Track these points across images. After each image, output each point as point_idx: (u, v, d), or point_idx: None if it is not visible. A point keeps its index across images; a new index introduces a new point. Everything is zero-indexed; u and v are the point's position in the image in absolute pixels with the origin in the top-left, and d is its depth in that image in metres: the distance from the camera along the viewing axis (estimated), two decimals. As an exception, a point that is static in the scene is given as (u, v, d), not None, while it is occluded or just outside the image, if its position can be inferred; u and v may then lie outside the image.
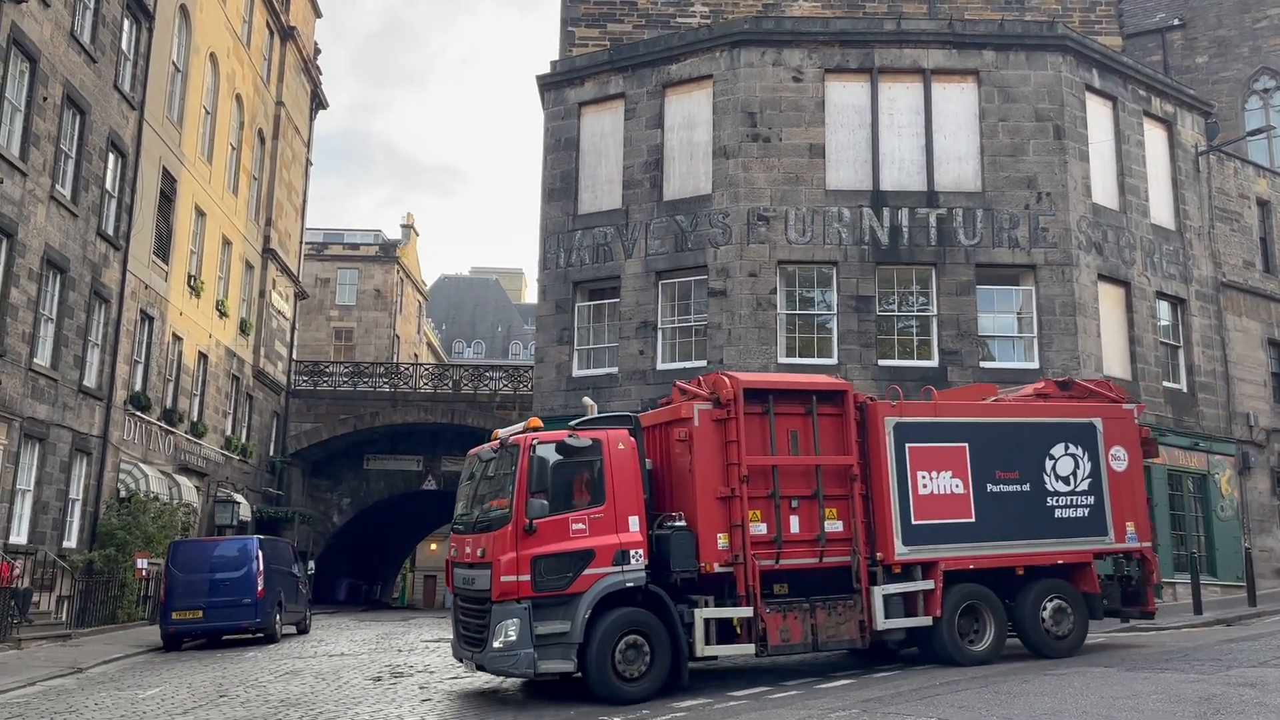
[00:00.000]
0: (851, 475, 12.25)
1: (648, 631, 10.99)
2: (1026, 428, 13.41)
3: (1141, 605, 14.00)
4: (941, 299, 21.48)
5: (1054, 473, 13.29)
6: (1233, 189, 25.81)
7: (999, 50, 22.30)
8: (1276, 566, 24.68)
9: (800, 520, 11.93)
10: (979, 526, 12.76)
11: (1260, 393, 25.27)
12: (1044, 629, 12.97)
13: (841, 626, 11.85)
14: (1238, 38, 31.83)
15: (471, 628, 11.40)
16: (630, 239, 22.64)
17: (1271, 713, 8.75)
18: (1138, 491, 13.88)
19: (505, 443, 11.55)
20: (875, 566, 12.22)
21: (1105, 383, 15.38)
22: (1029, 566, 13.05)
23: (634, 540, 11.13)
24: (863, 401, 12.75)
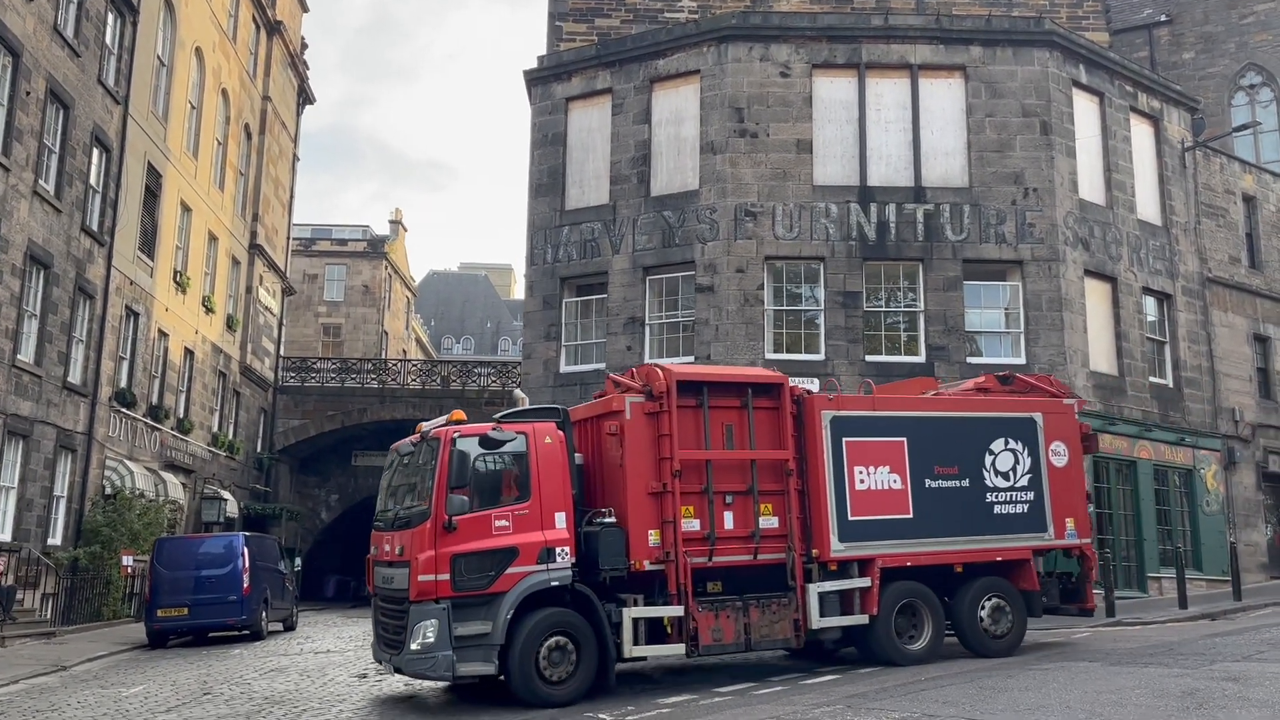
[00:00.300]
0: (787, 470, 11.97)
1: (574, 632, 10.66)
2: (966, 422, 13.24)
3: (1081, 602, 13.88)
4: (929, 295, 21.50)
5: (994, 468, 13.12)
6: (1219, 185, 25.90)
7: (986, 46, 22.31)
8: (1261, 561, 24.81)
9: (735, 516, 11.65)
10: (917, 523, 12.55)
11: (1246, 388, 25.38)
12: (982, 628, 12.77)
13: (776, 625, 11.57)
14: (1224, 33, 31.93)
15: (390, 629, 11.00)
16: (618, 235, 22.60)
17: (1254, 707, 8.78)
18: (1078, 487, 13.73)
19: (426, 436, 11.17)
20: (811, 564, 11.98)
21: (1046, 377, 15.28)
22: (968, 564, 12.86)
23: (560, 537, 10.78)
24: (799, 395, 12.49)
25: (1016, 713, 8.87)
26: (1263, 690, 9.51)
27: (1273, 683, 9.91)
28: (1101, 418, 21.53)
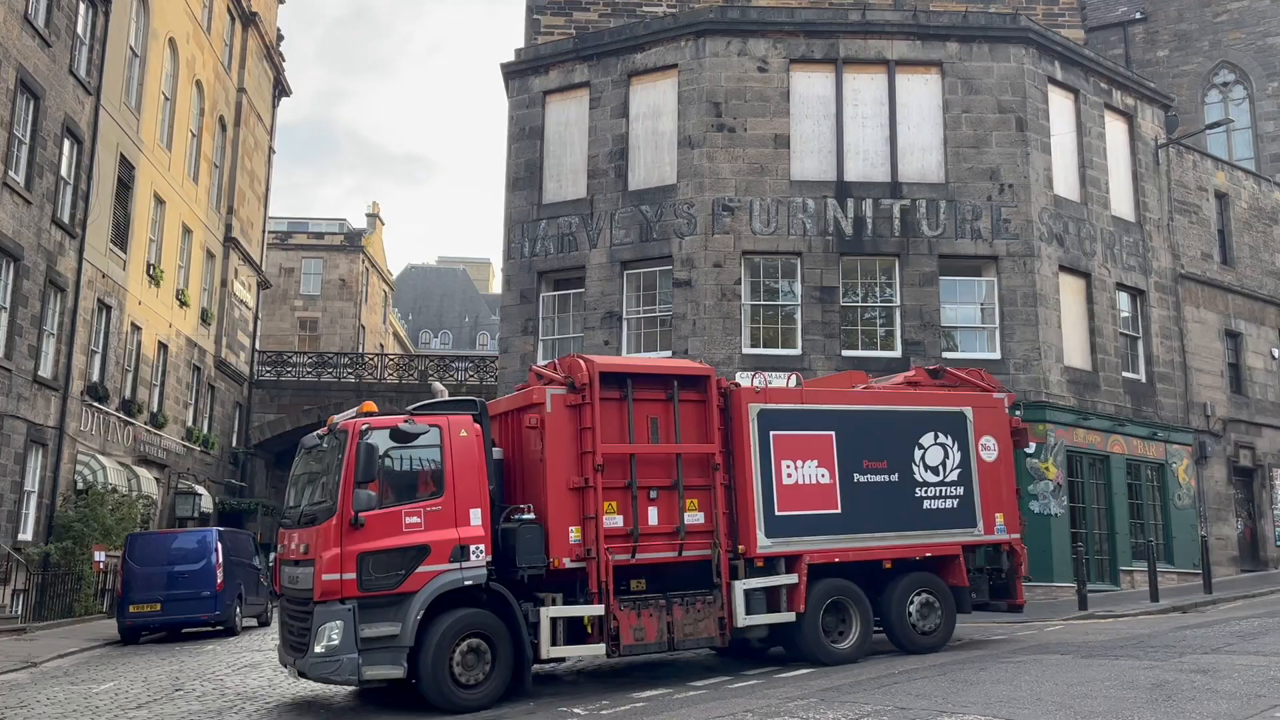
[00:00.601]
0: (714, 464, 11.74)
1: (489, 633, 10.33)
2: (896, 416, 13.09)
3: (1010, 598, 13.72)
4: (905, 290, 21.58)
5: (923, 463, 13.00)
6: (1191, 182, 26.14)
7: (963, 42, 22.40)
8: (1232, 554, 25.09)
9: (659, 512, 11.39)
10: (845, 518, 12.38)
11: (1217, 383, 25.65)
12: (910, 624, 12.65)
13: (700, 624, 11.32)
14: (1198, 31, 32.21)
15: (295, 631, 10.58)
16: (595, 229, 22.56)
17: (1222, 698, 8.87)
18: (1007, 482, 13.66)
19: (334, 429, 10.75)
20: (737, 560, 11.71)
21: (977, 371, 15.15)
22: (897, 560, 12.71)
23: (475, 535, 10.41)
24: (727, 387, 12.26)
25: (988, 705, 8.93)
26: (1230, 682, 9.62)
27: (1241, 674, 10.02)
28: (1075, 412, 21.72)
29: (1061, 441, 21.21)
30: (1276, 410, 27.12)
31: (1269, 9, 31.33)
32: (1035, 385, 21.11)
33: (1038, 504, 20.64)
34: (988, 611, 14.07)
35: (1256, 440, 26.28)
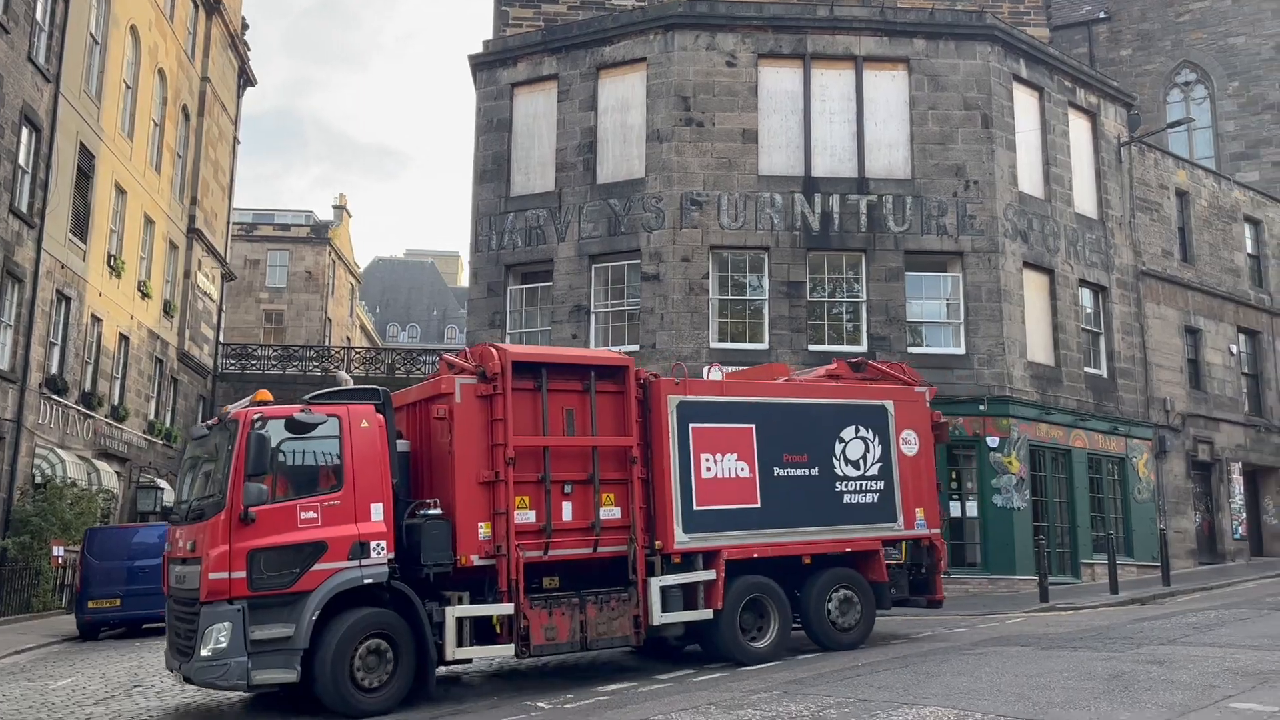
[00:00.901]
0: (631, 458, 11.42)
1: (392, 634, 9.90)
2: (817, 409, 12.89)
3: (930, 594, 13.68)
4: (871, 285, 21.71)
5: (844, 456, 12.86)
6: (1153, 180, 26.49)
7: (929, 39, 22.53)
8: (1190, 547, 25.49)
9: (574, 507, 11.04)
10: (765, 513, 12.14)
11: (1177, 378, 26.02)
12: (830, 621, 12.51)
13: (614, 622, 11.00)
14: (1161, 31, 32.62)
15: (182, 633, 9.99)
16: (563, 222, 22.49)
17: (1177, 689, 9.01)
18: (928, 476, 13.58)
19: (224, 418, 10.26)
20: (654, 556, 11.40)
21: (899, 365, 15.12)
22: (816, 555, 12.53)
23: (376, 531, 9.96)
24: (646, 379, 11.95)
25: (948, 696, 9.01)
26: (1186, 673, 9.77)
27: (1196, 665, 10.18)
28: (1038, 407, 21.96)
29: (1025, 436, 21.43)
30: (1234, 405, 27.58)
31: (1230, 9, 31.79)
32: (999, 380, 21.32)
33: (1001, 498, 20.88)
34: (907, 608, 13.98)
35: (1214, 435, 26.71)
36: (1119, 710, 8.24)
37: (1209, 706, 8.27)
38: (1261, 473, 28.11)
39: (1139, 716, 8.00)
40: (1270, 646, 11.22)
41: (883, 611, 13.28)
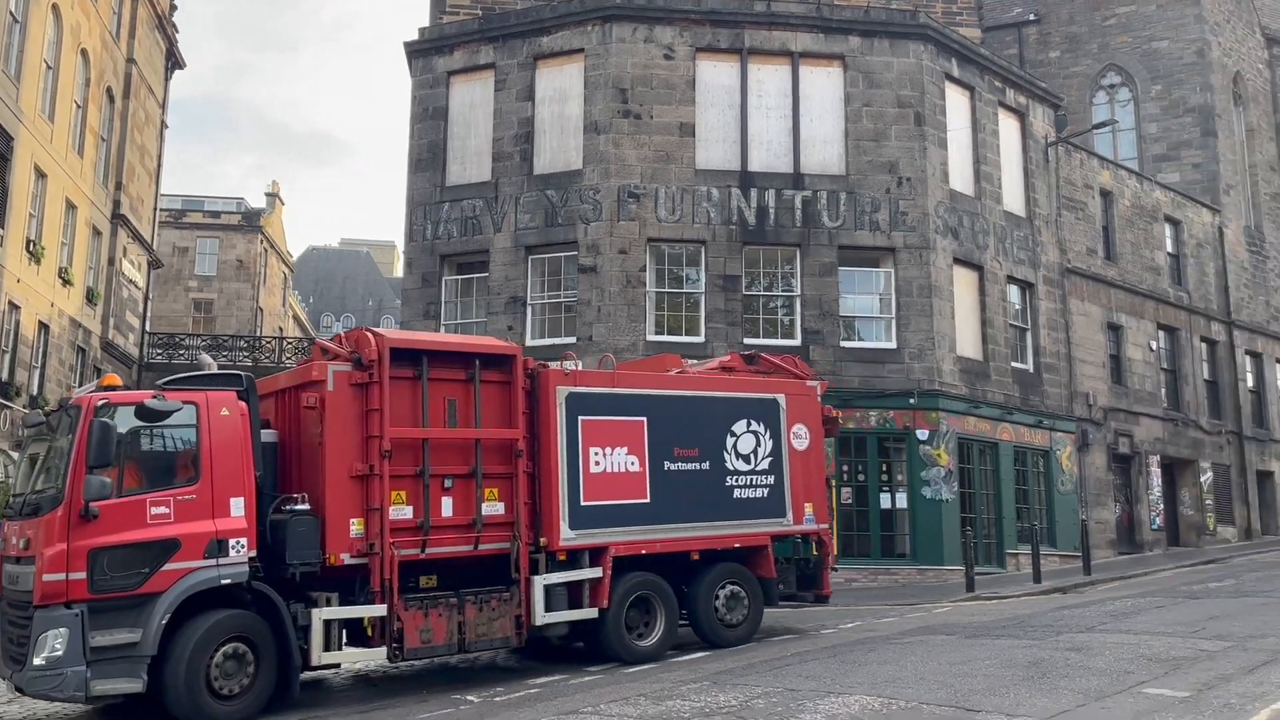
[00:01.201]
0: (517, 451, 11.00)
1: (253, 638, 9.30)
2: (709, 402, 12.68)
3: (817, 589, 13.65)
4: (805, 279, 21.92)
5: (735, 450, 12.68)
6: (1079, 179, 27.14)
7: (864, 36, 22.79)
8: (1110, 538, 26.24)
9: (454, 502, 10.57)
10: (654, 508, 11.89)
11: (1099, 374, 26.73)
12: (717, 617, 12.34)
13: (495, 623, 10.56)
14: (1088, 34, 33.40)
15: (15, 639, 9.20)
16: (500, 213, 22.33)
17: (1093, 675, 9.29)
18: (818, 471, 13.52)
19: (65, 404, 9.60)
20: (538, 553, 11.05)
21: (791, 358, 14.98)
22: (705, 550, 12.34)
23: (235, 527, 9.30)
24: (533, 368, 11.55)
25: (874, 685, 9.18)
26: (1102, 659, 10.07)
27: (1112, 652, 10.50)
28: (967, 401, 22.39)
29: (953, 429, 21.85)
30: (1153, 400, 28.42)
31: (1154, 14, 32.68)
32: (929, 374, 21.70)
33: (930, 490, 21.26)
34: (794, 603, 13.96)
35: (1134, 428, 27.51)
36: (1037, 697, 8.46)
37: (1123, 692, 8.54)
38: (1178, 465, 29.03)
39: (1056, 703, 8.22)
40: (1183, 634, 11.62)
41: (770, 607, 13.15)
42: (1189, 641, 11.00)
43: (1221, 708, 7.89)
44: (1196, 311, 30.20)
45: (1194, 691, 8.48)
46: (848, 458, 21.46)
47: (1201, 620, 12.66)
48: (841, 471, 21.29)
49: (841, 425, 20.96)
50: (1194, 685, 8.72)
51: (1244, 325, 31.82)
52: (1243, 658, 9.94)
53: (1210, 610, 13.69)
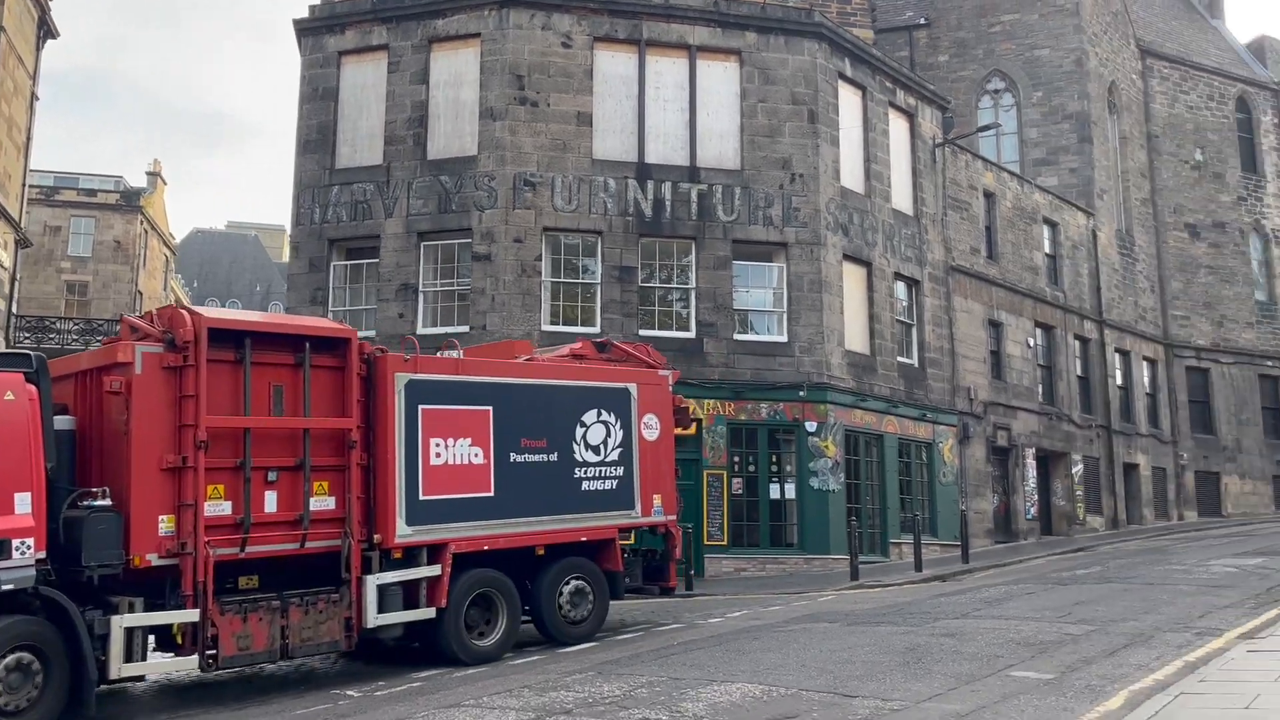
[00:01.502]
0: (350, 442, 10.34)
1: (42, 647, 8.40)
2: (559, 391, 12.29)
3: (663, 581, 13.52)
4: (700, 272, 22.08)
5: (585, 441, 12.36)
6: (964, 180, 28.02)
7: (760, 33, 23.04)
8: (988, 527, 27.22)
9: (279, 497, 9.84)
10: (499, 501, 11.42)
11: (980, 369, 27.68)
12: (561, 614, 11.99)
13: (322, 626, 9.89)
14: (975, 40, 34.49)
15: None
16: (391, 197, 21.86)
17: (965, 660, 9.59)
18: (667, 462, 13.32)
19: None
20: (372, 551, 10.44)
21: (643, 347, 14.70)
22: (551, 545, 11.94)
23: (20, 525, 8.34)
24: (370, 353, 10.87)
25: (756, 672, 9.30)
26: (974, 644, 10.42)
27: (984, 637, 10.87)
28: (854, 394, 22.91)
29: (841, 422, 22.33)
30: (1030, 395, 29.57)
31: (1037, 23, 33.92)
32: (818, 368, 22.12)
33: (817, 480, 21.70)
34: (640, 596, 13.83)
35: (1012, 422, 28.58)
36: (912, 682, 8.69)
37: (991, 675, 8.84)
38: (1052, 457, 30.28)
39: (929, 687, 8.46)
40: (1050, 619, 12.10)
41: (615, 601, 12.90)
42: (1055, 626, 11.46)
43: (1083, 689, 8.24)
44: (1071, 310, 31.52)
45: (1058, 674, 8.84)
46: (739, 449, 21.74)
47: (1068, 606, 13.22)
48: (733, 462, 21.58)
49: (732, 417, 21.58)
50: (1058, 668, 9.09)
51: (1114, 324, 33.36)
52: (1104, 641, 10.41)
53: (1077, 596, 14.30)
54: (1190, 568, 17.50)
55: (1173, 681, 8.07)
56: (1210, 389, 36.67)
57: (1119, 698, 7.83)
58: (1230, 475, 36.41)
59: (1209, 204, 37.73)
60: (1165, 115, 37.50)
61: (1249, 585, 14.59)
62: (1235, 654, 8.89)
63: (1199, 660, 9.02)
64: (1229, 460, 36.52)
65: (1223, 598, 13.38)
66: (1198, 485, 35.75)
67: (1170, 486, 34.95)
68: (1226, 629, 10.74)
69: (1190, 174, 37.63)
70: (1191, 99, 38.31)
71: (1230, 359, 37.08)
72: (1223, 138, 38.67)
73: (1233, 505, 36.09)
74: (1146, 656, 9.49)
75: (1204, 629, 10.89)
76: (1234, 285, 37.76)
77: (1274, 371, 37.95)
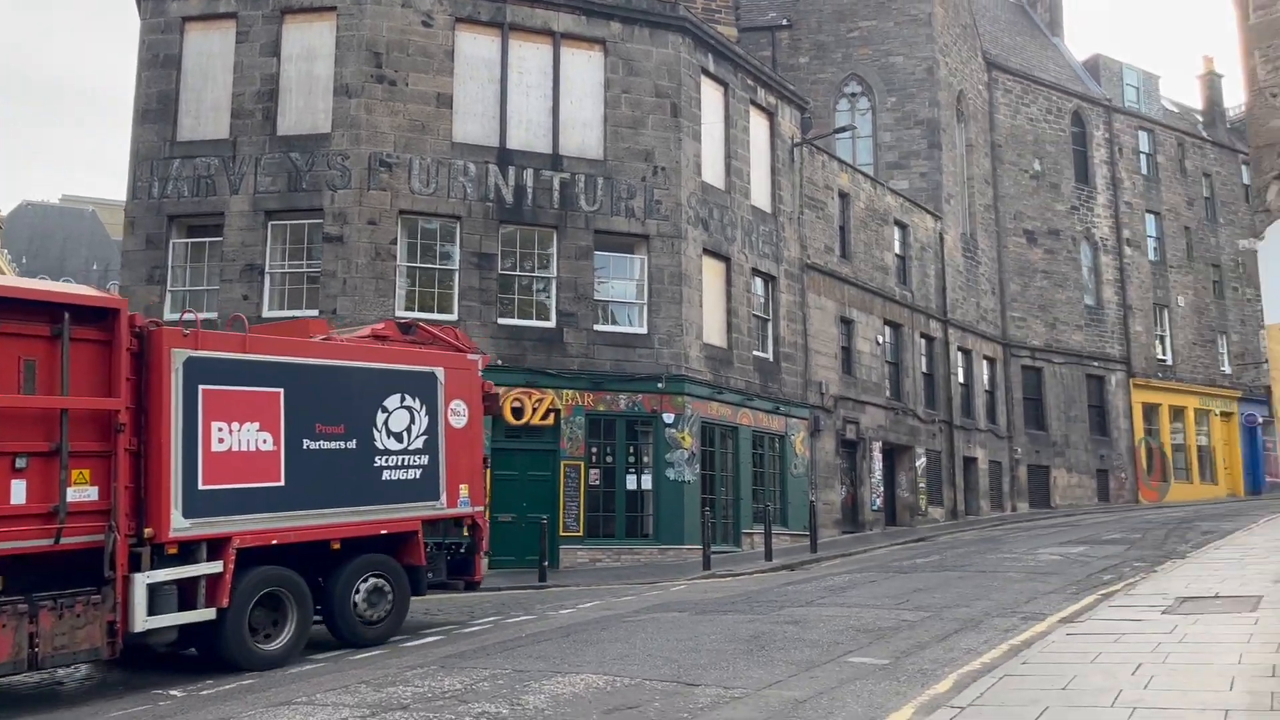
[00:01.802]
0: (118, 425, 9.33)
1: None
2: (359, 374, 11.53)
3: (469, 575, 12.88)
4: (561, 262, 21.92)
5: (386, 428, 11.65)
6: (820, 180, 28.73)
7: (625, 23, 23.00)
8: (836, 517, 28.06)
9: (30, 486, 8.83)
10: (290, 492, 10.54)
11: (832, 364, 28.47)
12: (356, 614, 11.22)
13: (80, 632, 8.91)
14: (834, 44, 35.41)
15: None
16: (238, 173, 20.86)
17: (807, 647, 9.79)
18: (476, 450, 12.82)
19: None
20: (142, 547, 9.47)
21: (451, 329, 13.98)
22: (348, 539, 11.16)
23: None
24: (143, 327, 9.89)
25: (602, 663, 9.25)
26: (816, 632, 10.65)
27: (826, 624, 11.13)
28: (711, 386, 23.20)
29: (697, 414, 22.58)
30: (878, 390, 30.60)
31: (892, 30, 35.06)
32: (677, 360, 22.29)
33: (673, 471, 21.89)
34: (444, 591, 13.32)
35: (861, 416, 29.52)
36: (754, 669, 8.80)
37: (830, 662, 9.04)
38: (897, 451, 31.43)
39: (770, 674, 8.59)
40: (890, 606, 12.50)
41: (417, 597, 12.26)
42: (894, 613, 11.85)
43: (915, 673, 8.51)
44: (918, 310, 32.77)
45: (893, 659, 9.11)
46: (597, 440, 21.71)
47: (907, 593, 13.69)
48: (590, 453, 21.54)
49: (591, 408, 21.53)
50: (893, 653, 9.37)
51: (957, 324, 34.87)
52: (938, 626, 10.80)
53: (915, 584, 14.84)
54: (1020, 556, 18.42)
55: (998, 664, 8.41)
56: (1043, 387, 38.78)
57: (948, 681, 8.11)
58: (1059, 469, 38.62)
59: (1046, 212, 39.86)
60: (1008, 126, 39.39)
61: (1071, 572, 15.44)
62: (1055, 637, 9.34)
63: (1022, 644, 9.44)
64: (1058, 455, 38.73)
65: (1047, 584, 14.11)
66: (1030, 478, 37.78)
67: (1005, 479, 36.82)
68: (1049, 613, 11.30)
69: (1029, 183, 39.66)
70: (1032, 111, 40.37)
71: (1061, 359, 39.31)
72: (1059, 150, 40.91)
73: (1060, 497, 38.31)
74: (975, 641, 9.88)
75: (1029, 614, 11.44)
76: (1066, 289, 40.02)
77: (1099, 372, 40.46)
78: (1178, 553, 17.19)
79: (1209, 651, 8.18)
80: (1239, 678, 7.17)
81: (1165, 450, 42.21)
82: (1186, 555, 16.22)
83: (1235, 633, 8.86)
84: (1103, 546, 19.43)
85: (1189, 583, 12.24)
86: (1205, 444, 44.02)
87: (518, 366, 21.06)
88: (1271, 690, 6.76)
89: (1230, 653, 8.04)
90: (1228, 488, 43.85)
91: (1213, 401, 44.14)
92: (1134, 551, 18.22)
